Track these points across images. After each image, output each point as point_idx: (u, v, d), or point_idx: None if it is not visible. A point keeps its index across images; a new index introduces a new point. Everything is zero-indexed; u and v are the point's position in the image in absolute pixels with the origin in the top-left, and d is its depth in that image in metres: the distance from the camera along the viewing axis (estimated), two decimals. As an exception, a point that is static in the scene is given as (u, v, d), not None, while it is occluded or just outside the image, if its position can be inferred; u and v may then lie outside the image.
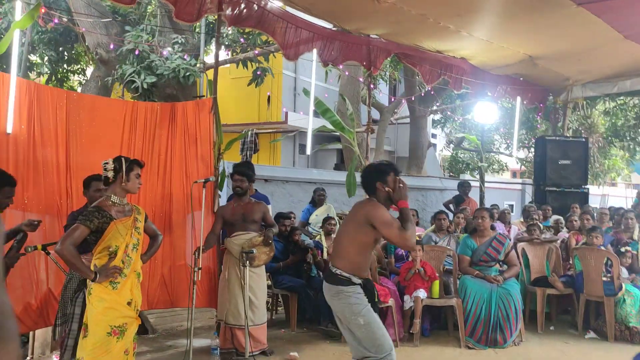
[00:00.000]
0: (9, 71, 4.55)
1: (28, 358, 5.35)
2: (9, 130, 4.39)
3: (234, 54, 9.69)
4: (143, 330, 6.28)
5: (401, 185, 3.53)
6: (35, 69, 9.92)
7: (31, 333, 5.29)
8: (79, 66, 10.92)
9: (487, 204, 9.79)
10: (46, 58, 9.46)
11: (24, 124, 4.54)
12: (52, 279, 4.67)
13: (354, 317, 3.54)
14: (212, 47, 8.79)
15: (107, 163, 3.78)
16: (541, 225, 7.77)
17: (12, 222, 4.33)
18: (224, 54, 9.77)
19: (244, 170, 5.57)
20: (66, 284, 4.32)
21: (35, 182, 4.61)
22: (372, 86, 8.05)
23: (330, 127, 7.49)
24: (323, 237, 7.12)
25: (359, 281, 3.56)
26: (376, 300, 3.68)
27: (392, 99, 16.57)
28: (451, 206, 9.92)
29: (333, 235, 7.08)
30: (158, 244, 4.27)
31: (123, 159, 3.83)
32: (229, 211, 5.51)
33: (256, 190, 6.16)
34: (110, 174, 3.74)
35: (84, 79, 10.99)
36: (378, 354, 3.49)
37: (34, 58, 9.94)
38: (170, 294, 5.54)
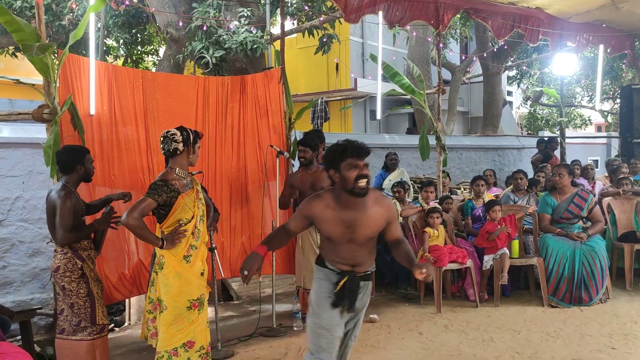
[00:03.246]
0: (88, 55, 4.77)
1: (126, 324, 5.75)
2: (92, 111, 4.62)
3: (300, 23, 9.68)
4: (227, 297, 6.57)
5: (351, 167, 2.95)
6: (111, 52, 10.34)
7: (127, 301, 5.67)
8: (152, 47, 11.28)
9: (569, 161, 9.39)
10: (121, 41, 9.83)
11: (105, 105, 4.76)
12: (142, 250, 4.94)
13: (311, 297, 3.22)
14: (278, 17, 8.82)
15: (174, 134, 3.58)
16: (632, 179, 7.38)
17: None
18: (289, 24, 9.78)
19: (306, 140, 5.55)
20: (154, 254, 4.56)
21: (119, 160, 4.85)
22: (441, 45, 7.83)
23: (400, 90, 7.37)
24: (397, 202, 7.10)
25: (334, 269, 3.11)
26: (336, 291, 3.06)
27: (464, 58, 16.03)
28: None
29: (408, 200, 7.04)
30: (211, 214, 4.28)
31: (189, 130, 3.66)
32: (297, 179, 5.58)
33: (325, 158, 6.19)
34: (180, 146, 3.58)
35: (157, 59, 11.35)
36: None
37: (110, 42, 10.35)
38: (251, 262, 5.73)
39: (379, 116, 7.53)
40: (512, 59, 15.48)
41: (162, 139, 3.64)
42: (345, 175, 2.88)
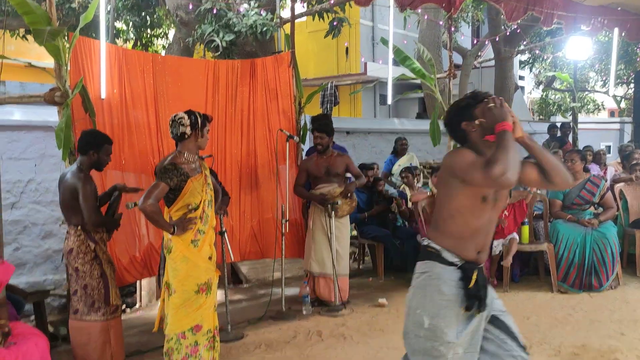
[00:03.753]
0: (98, 38, 4.76)
1: (137, 306, 5.81)
2: (103, 95, 4.63)
3: (310, 6, 9.61)
4: (237, 280, 6.61)
5: (492, 105, 2.43)
6: (121, 35, 10.34)
7: (138, 283, 5.73)
8: (161, 30, 11.28)
9: (581, 146, 9.31)
10: (131, 24, 9.83)
11: (115, 88, 4.77)
12: (152, 232, 4.97)
13: (418, 310, 2.42)
14: (288, 0, 8.76)
15: (182, 118, 3.58)
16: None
17: (113, 181, 4.63)
18: (299, 7, 9.72)
19: (323, 127, 5.48)
20: (164, 236, 4.59)
21: (129, 144, 4.87)
22: (452, 29, 7.74)
23: (410, 75, 7.31)
24: (406, 187, 7.10)
25: (456, 260, 2.42)
26: (478, 292, 2.39)
27: (475, 42, 15.85)
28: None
29: (418, 185, 7.03)
30: (219, 199, 4.25)
31: (197, 114, 3.65)
32: (312, 164, 5.56)
33: (334, 142, 6.17)
34: (188, 130, 3.57)
35: (167, 43, 11.34)
36: None
37: (119, 25, 10.35)
38: (260, 246, 5.77)
39: (389, 101, 7.49)
40: (524, 43, 15.31)
41: (170, 122, 3.64)
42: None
